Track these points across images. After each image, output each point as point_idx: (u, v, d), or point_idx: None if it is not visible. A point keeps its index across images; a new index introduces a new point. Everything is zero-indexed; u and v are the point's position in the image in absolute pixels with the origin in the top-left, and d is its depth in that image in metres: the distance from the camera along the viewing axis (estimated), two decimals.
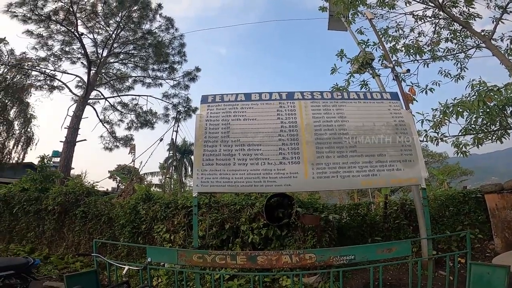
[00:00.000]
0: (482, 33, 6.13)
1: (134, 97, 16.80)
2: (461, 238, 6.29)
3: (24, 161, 14.88)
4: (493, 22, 6.22)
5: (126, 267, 3.18)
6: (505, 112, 4.56)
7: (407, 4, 6.82)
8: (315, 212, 6.02)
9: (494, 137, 4.93)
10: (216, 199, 6.29)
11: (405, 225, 6.99)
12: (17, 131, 14.63)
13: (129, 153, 16.13)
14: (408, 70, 6.52)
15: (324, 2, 7.79)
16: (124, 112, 16.75)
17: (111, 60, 16.20)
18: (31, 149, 14.93)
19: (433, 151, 22.94)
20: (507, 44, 6.13)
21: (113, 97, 16.51)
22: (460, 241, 6.22)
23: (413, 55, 6.81)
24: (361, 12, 7.11)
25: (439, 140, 5.04)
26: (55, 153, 16.27)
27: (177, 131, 16.21)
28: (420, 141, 5.23)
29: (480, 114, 4.42)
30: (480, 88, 4.53)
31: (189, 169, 27.13)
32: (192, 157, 22.66)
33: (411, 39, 7.17)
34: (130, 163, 16.23)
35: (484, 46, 5.93)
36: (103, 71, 15.97)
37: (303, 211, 5.66)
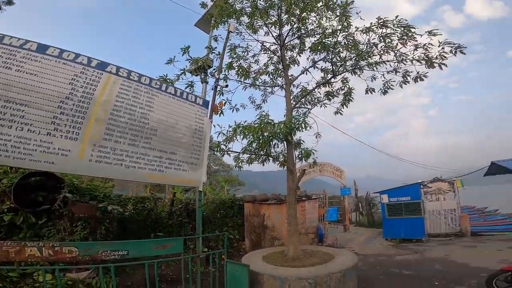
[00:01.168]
0: (290, 77, 7.62)
1: None
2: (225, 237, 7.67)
3: None
4: (301, 71, 7.75)
5: None
6: (271, 143, 6.13)
7: (266, 35, 7.59)
8: (92, 201, 5.29)
9: (260, 160, 6.50)
10: None
11: (186, 223, 7.69)
12: None
13: None
14: (227, 86, 7.42)
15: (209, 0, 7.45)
16: None
17: None
18: None
19: (224, 161, 25.23)
20: (297, 91, 7.92)
21: None
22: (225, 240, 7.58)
23: (240, 76, 7.73)
24: (228, 22, 7.24)
25: (226, 153, 6.00)
26: None
27: None
28: (212, 149, 6.03)
29: (255, 139, 5.57)
30: (264, 119, 5.82)
31: None
32: None
33: (247, 62, 7.98)
34: None
35: (285, 88, 7.26)
36: None
37: (74, 198, 4.79)
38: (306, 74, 7.77)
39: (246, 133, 5.53)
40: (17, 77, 3.35)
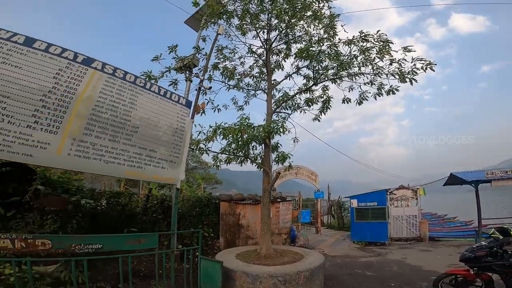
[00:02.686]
0: (272, 82, 7.73)
1: None
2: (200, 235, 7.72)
3: None
4: (285, 76, 7.87)
5: None
6: (249, 145, 6.35)
7: (254, 38, 7.70)
8: (64, 194, 5.20)
9: (238, 161, 6.64)
10: None
11: (161, 220, 7.68)
12: None
13: None
14: (210, 88, 7.54)
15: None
16: None
17: None
18: None
19: (202, 159, 24.87)
20: (279, 96, 7.98)
21: None
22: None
23: (225, 77, 7.84)
24: (218, 23, 7.30)
25: (205, 152, 6.14)
26: None
27: None
28: (192, 149, 6.13)
29: (235, 141, 5.75)
30: (243, 121, 5.97)
31: None
32: None
33: (233, 64, 8.03)
34: None
35: (266, 92, 7.43)
36: None
37: (46, 191, 4.70)
38: (289, 79, 7.97)
39: (226, 134, 5.72)
40: (1, 69, 3.33)
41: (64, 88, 3.75)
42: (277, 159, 6.37)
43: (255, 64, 8.29)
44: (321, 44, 7.01)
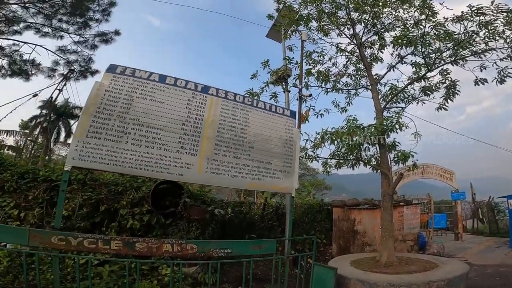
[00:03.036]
0: (374, 76, 7.14)
1: (16, 42, 12.93)
2: (312, 241, 7.72)
3: None
4: (387, 68, 7.23)
5: None
6: (361, 147, 5.93)
7: (339, 36, 7.46)
8: (203, 205, 6.21)
9: (349, 164, 6.31)
10: (94, 176, 5.59)
11: (276, 226, 8.09)
12: None
13: None
14: (310, 95, 7.57)
15: (274, 11, 7.81)
16: None
17: (11, 1, 12.03)
18: None
19: (309, 165, 26.11)
20: (386, 90, 7.17)
21: None
22: (312, 244, 7.56)
23: (321, 82, 7.57)
24: (299, 31, 7.51)
25: (314, 159, 6.13)
26: None
27: (61, 90, 13.27)
28: (301, 157, 6.21)
29: (344, 144, 5.54)
30: (351, 124, 5.70)
31: (63, 134, 21.36)
32: (72, 122, 18.93)
33: (325, 67, 7.77)
34: None
35: (370, 88, 6.90)
36: None
37: (191, 202, 5.75)
38: (393, 70, 7.17)
39: (334, 138, 5.55)
40: (152, 106, 4.29)
41: (195, 116, 4.53)
42: (396, 159, 5.69)
43: (348, 62, 7.79)
44: (421, 26, 6.10)
